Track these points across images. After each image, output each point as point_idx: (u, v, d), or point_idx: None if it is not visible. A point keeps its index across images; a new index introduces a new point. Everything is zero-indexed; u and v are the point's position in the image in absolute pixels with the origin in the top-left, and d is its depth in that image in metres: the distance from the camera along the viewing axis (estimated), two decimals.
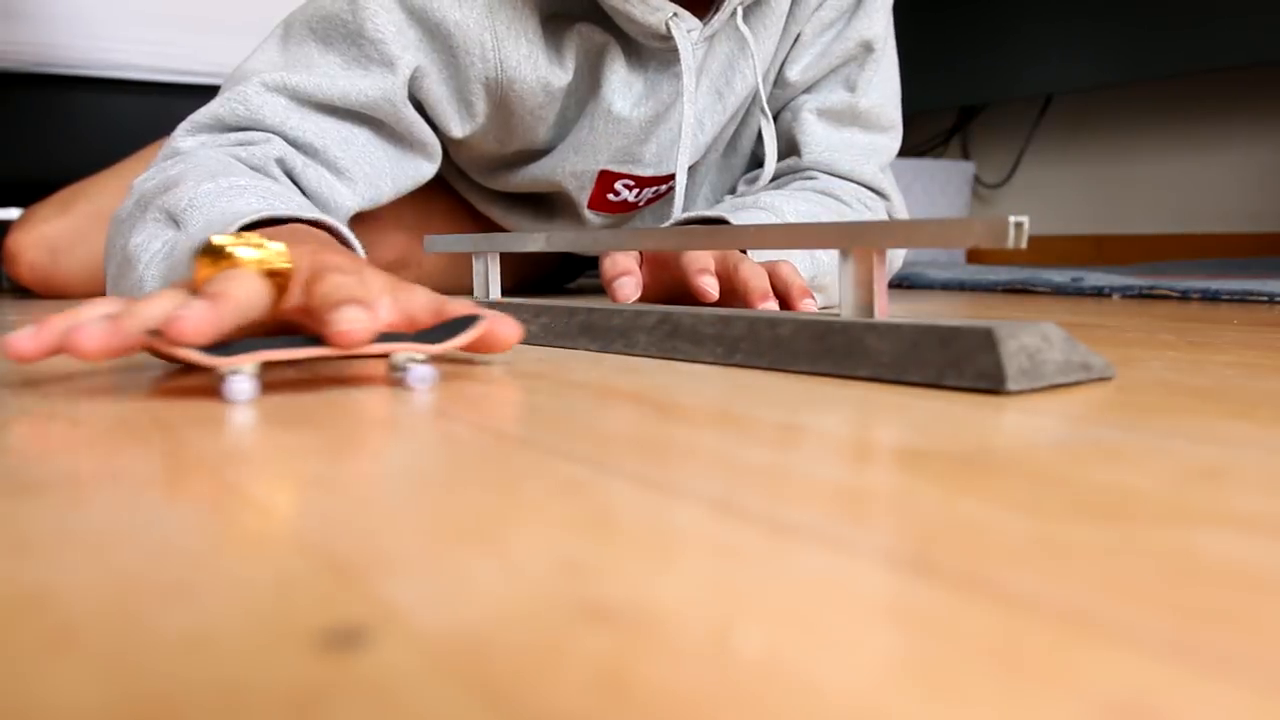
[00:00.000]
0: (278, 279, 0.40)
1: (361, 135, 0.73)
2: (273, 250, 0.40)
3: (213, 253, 0.40)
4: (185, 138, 0.69)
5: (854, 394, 0.37)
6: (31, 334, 0.36)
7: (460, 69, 0.74)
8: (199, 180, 0.57)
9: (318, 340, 0.39)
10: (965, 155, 2.33)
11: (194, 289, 0.39)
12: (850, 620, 0.15)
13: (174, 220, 0.56)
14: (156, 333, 0.36)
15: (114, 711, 0.13)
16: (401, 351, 0.40)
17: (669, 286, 0.65)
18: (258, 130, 0.69)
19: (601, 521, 0.20)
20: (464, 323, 0.42)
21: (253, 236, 0.41)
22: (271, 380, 0.41)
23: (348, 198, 0.72)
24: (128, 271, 0.58)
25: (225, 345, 0.37)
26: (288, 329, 0.42)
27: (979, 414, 0.32)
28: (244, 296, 0.37)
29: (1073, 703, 0.12)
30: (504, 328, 0.42)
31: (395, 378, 0.40)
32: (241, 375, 0.36)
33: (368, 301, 0.38)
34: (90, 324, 0.35)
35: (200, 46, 1.53)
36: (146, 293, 0.54)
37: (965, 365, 0.37)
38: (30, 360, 0.36)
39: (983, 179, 2.29)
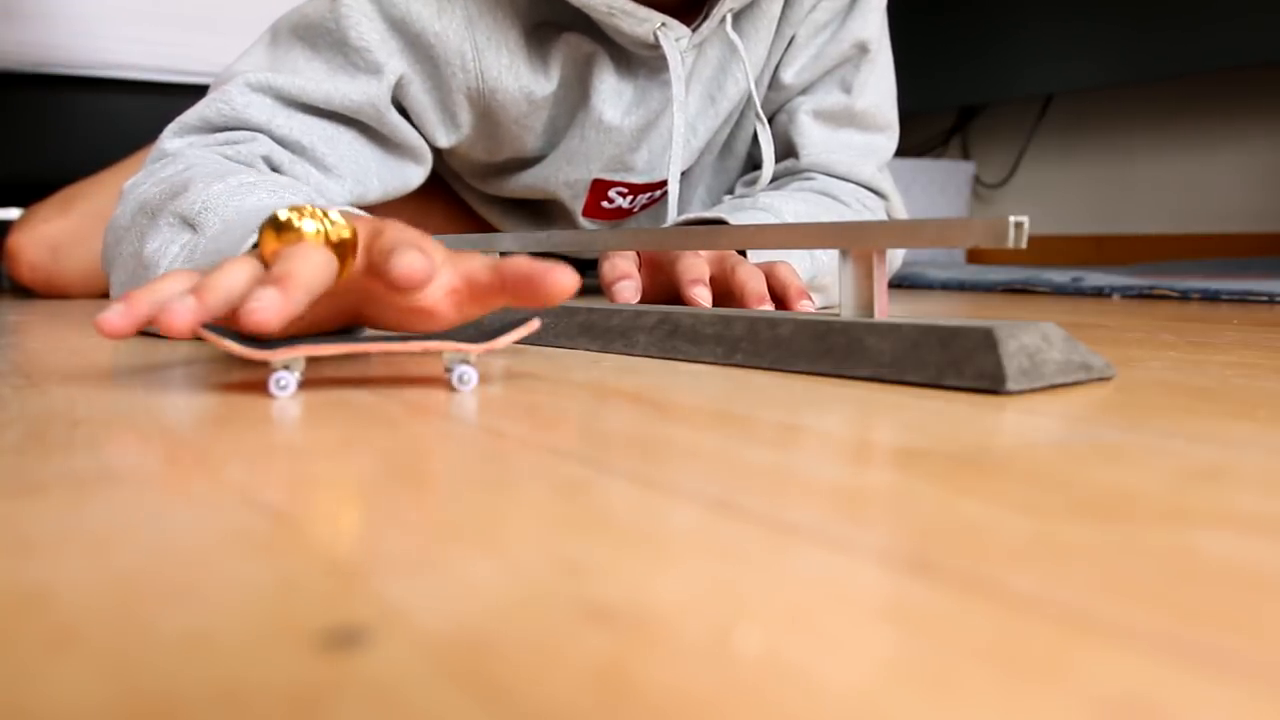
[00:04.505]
0: (341, 249, 0.41)
1: (347, 135, 0.73)
2: (334, 221, 0.41)
3: (277, 226, 0.41)
4: (172, 139, 0.70)
5: (854, 394, 0.37)
6: (121, 312, 0.37)
7: (442, 79, 0.74)
8: (207, 182, 0.58)
9: (363, 337, 0.40)
10: (965, 155, 2.33)
11: (262, 260, 0.41)
12: (850, 620, 0.15)
13: (189, 224, 0.57)
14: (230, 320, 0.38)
15: (114, 711, 0.13)
16: (449, 351, 0.40)
17: (666, 289, 0.65)
18: (244, 130, 0.69)
19: (601, 521, 0.20)
20: (517, 319, 0.42)
21: (314, 208, 0.42)
22: (312, 378, 0.42)
23: (337, 193, 0.72)
24: (145, 276, 0.58)
25: (270, 340, 0.39)
26: (354, 295, 0.43)
27: (979, 414, 0.32)
28: (310, 274, 0.38)
29: (1072, 702, 0.12)
30: (559, 277, 0.40)
31: (447, 377, 0.41)
32: (286, 372, 0.38)
33: (428, 250, 0.38)
34: (177, 302, 0.36)
35: (200, 46, 1.53)
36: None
37: (965, 365, 0.37)
38: (122, 336, 0.38)
39: (983, 179, 2.29)
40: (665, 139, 0.82)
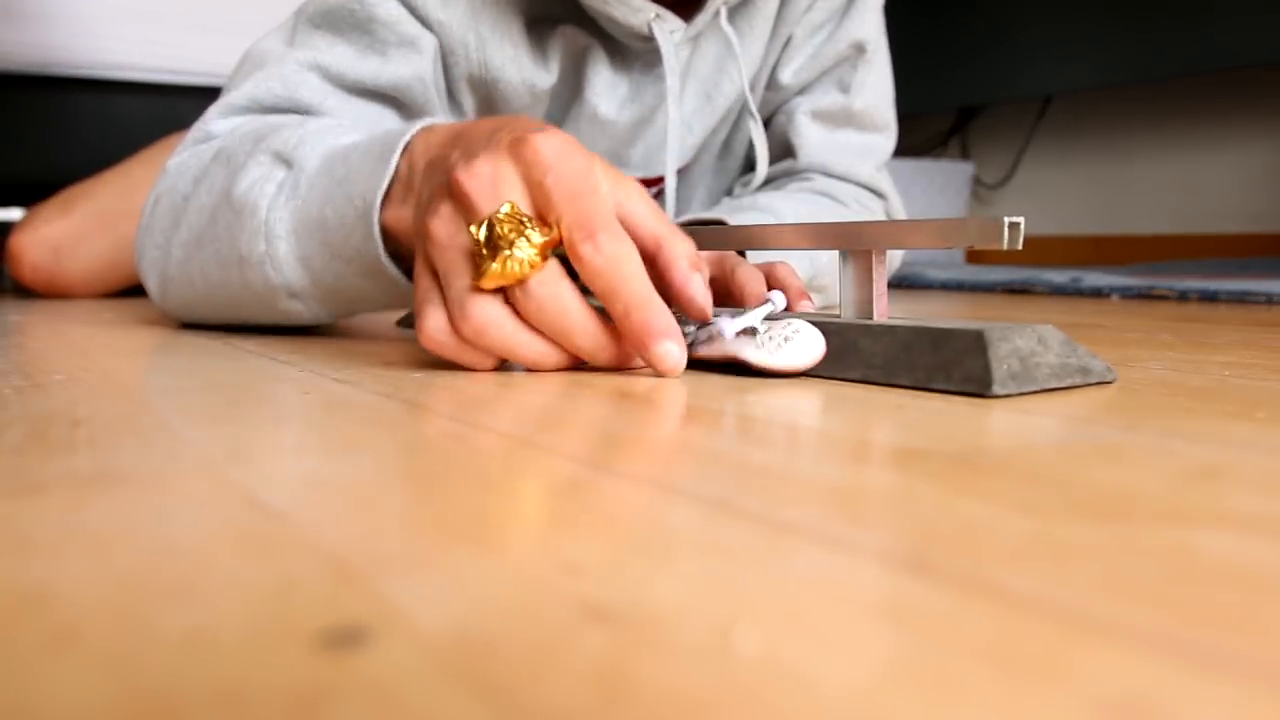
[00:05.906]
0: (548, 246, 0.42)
1: (390, 117, 0.72)
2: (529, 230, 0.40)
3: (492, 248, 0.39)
4: (218, 121, 0.68)
5: (852, 394, 0.37)
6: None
7: (447, 67, 0.74)
8: (299, 123, 0.60)
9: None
10: (965, 155, 2.33)
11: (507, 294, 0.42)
12: (849, 620, 0.15)
13: (283, 160, 0.58)
14: None
15: (115, 711, 0.13)
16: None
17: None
18: (295, 112, 0.68)
19: (601, 521, 0.20)
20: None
21: (508, 227, 0.40)
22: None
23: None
24: (238, 219, 0.58)
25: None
26: None
27: (978, 414, 0.32)
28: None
29: (1072, 702, 0.12)
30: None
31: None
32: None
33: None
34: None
35: (200, 46, 1.53)
36: (278, 237, 0.55)
37: (953, 368, 0.37)
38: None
39: (982, 179, 2.29)
40: (661, 135, 0.82)
